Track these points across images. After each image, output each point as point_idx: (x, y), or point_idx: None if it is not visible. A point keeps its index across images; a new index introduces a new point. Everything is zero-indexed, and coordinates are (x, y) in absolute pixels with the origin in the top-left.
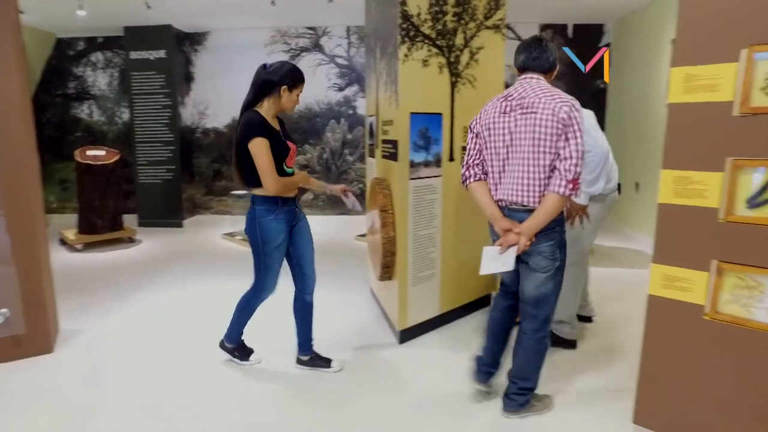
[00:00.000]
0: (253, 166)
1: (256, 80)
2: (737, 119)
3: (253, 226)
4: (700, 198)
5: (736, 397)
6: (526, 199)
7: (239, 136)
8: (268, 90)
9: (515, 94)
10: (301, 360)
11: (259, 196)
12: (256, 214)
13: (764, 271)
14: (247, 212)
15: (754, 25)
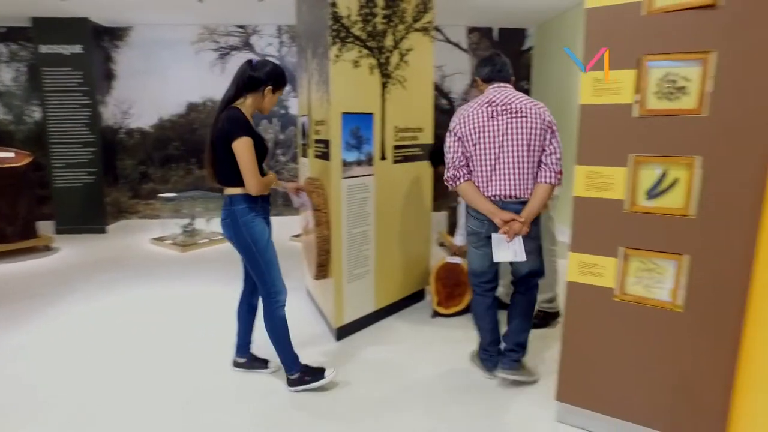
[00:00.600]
0: (231, 165)
1: (240, 76)
2: (637, 120)
3: (237, 228)
4: (608, 191)
5: (645, 369)
6: (520, 191)
7: (221, 133)
8: (253, 88)
9: (497, 101)
10: (238, 363)
11: (238, 195)
12: (237, 215)
13: (661, 255)
14: (223, 216)
15: (647, 37)
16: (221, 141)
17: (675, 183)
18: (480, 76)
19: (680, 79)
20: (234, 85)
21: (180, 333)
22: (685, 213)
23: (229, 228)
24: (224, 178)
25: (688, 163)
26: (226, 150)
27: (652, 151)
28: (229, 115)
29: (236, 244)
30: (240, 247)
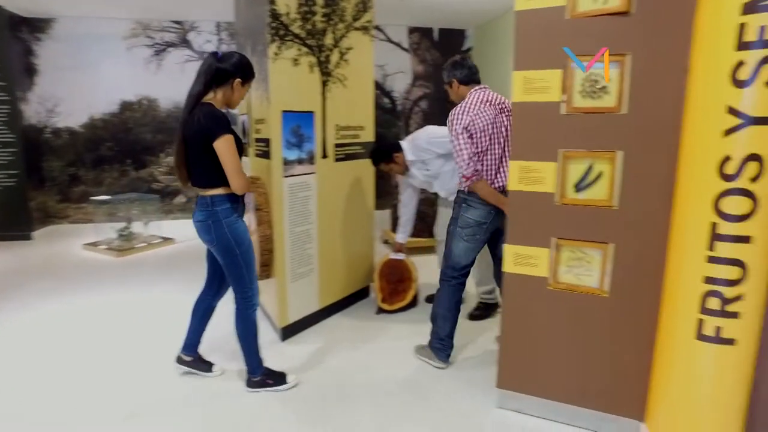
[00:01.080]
0: (210, 165)
1: (207, 69)
2: (564, 117)
3: (221, 230)
4: (539, 184)
5: (577, 352)
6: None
7: (199, 132)
8: (221, 81)
9: (494, 100)
10: (183, 359)
11: (219, 196)
12: (220, 216)
13: (589, 245)
14: (202, 218)
15: (572, 39)
16: (199, 140)
17: (599, 176)
18: (457, 78)
19: (601, 79)
20: (201, 80)
21: (121, 341)
22: (609, 204)
23: (209, 231)
24: (202, 180)
25: (611, 157)
26: (204, 150)
27: (579, 146)
28: (207, 112)
29: (218, 246)
30: (221, 249)
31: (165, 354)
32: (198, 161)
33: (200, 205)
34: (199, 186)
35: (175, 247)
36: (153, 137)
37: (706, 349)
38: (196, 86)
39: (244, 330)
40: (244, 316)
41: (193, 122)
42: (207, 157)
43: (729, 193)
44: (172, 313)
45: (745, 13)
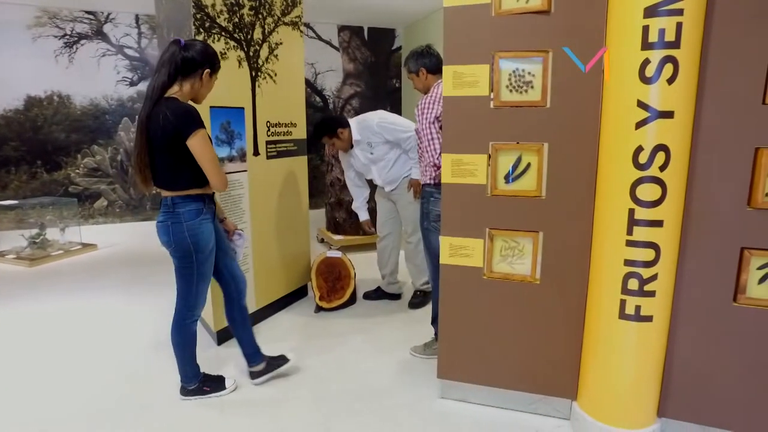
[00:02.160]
0: (175, 165)
1: (170, 58)
2: (493, 110)
3: (180, 233)
4: (471, 177)
5: (512, 338)
6: None
7: (166, 130)
8: (188, 71)
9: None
10: (257, 372)
11: (183, 198)
12: (182, 218)
13: (520, 234)
14: (162, 219)
15: (498, 36)
16: (167, 138)
17: (528, 168)
18: (426, 67)
19: (527, 75)
20: (165, 70)
21: (36, 354)
22: (537, 194)
23: (167, 232)
24: (167, 181)
25: (538, 149)
26: (170, 149)
27: (508, 138)
28: (175, 108)
29: (174, 249)
30: (177, 252)
31: (80, 364)
32: (162, 161)
33: (162, 206)
34: (162, 187)
35: (98, 254)
36: (67, 137)
37: (628, 327)
38: (159, 77)
39: (181, 340)
40: (182, 326)
41: (158, 119)
42: (172, 157)
43: (643, 180)
44: (96, 323)
45: (647, 17)
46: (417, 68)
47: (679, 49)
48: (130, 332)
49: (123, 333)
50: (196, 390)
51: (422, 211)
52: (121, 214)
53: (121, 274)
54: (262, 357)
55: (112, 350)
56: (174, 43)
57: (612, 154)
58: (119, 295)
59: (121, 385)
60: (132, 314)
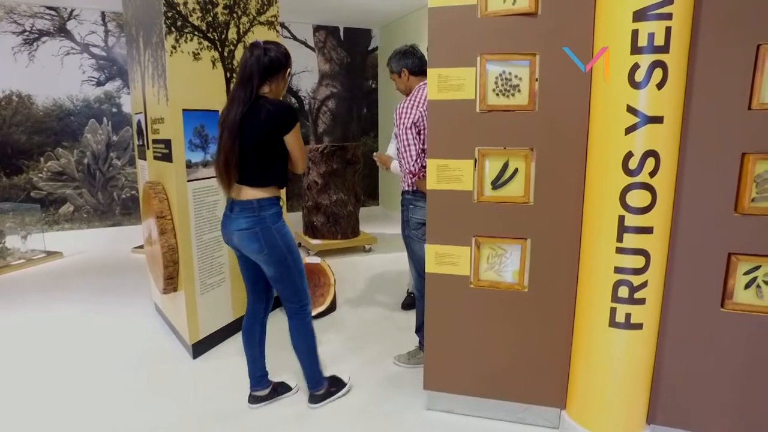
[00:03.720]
0: (267, 163)
1: (257, 62)
2: (480, 114)
3: (272, 238)
4: (457, 182)
5: (500, 347)
6: None
7: (269, 127)
8: (275, 72)
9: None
10: (260, 396)
11: (267, 199)
12: (269, 222)
13: (506, 240)
14: (246, 225)
15: (484, 38)
16: (266, 135)
17: (515, 173)
18: (408, 68)
19: (514, 78)
20: (256, 74)
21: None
22: (525, 200)
23: (257, 239)
24: (258, 180)
25: (525, 154)
26: (268, 145)
27: (495, 143)
28: (278, 104)
29: (269, 256)
30: (273, 258)
31: (46, 383)
32: (255, 159)
33: (242, 210)
34: (252, 185)
35: (64, 262)
36: (28, 139)
37: (618, 335)
38: (250, 81)
39: (305, 342)
40: (303, 328)
41: (259, 117)
42: (267, 154)
43: (632, 187)
44: (63, 337)
45: (636, 21)
46: (399, 69)
47: (668, 53)
48: (101, 346)
49: (93, 347)
50: (325, 394)
51: (402, 219)
52: (88, 220)
53: (90, 283)
54: (269, 380)
55: (83, 367)
56: (256, 47)
57: (601, 160)
58: (88, 306)
59: (93, 406)
60: (103, 327)
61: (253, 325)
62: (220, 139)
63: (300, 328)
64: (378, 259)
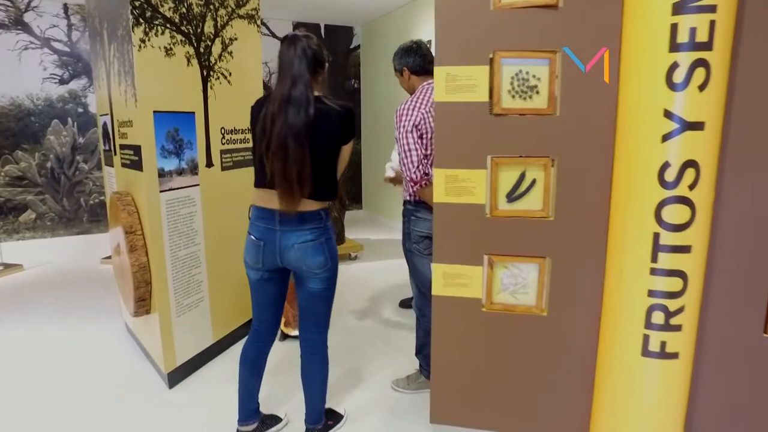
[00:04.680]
0: (333, 171)
1: (305, 54)
2: (493, 119)
3: (334, 249)
4: (468, 195)
5: (515, 376)
6: None
7: (339, 132)
8: (321, 68)
9: None
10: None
11: (325, 209)
12: (331, 232)
13: (524, 259)
14: (312, 236)
15: (498, 33)
16: (334, 143)
17: (533, 185)
18: (408, 66)
19: (532, 78)
20: (306, 71)
21: None
22: (544, 215)
23: (322, 251)
24: (324, 191)
25: (544, 163)
26: (334, 153)
27: (511, 152)
28: (347, 109)
29: (330, 269)
30: (330, 272)
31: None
32: (322, 169)
33: (304, 222)
34: (322, 199)
35: (25, 275)
36: None
37: (651, 365)
38: (302, 79)
39: (321, 376)
40: (324, 360)
41: (329, 124)
42: (331, 162)
43: (669, 201)
44: (23, 360)
45: (675, 14)
46: (400, 67)
47: (711, 51)
48: (64, 375)
49: (56, 376)
50: (324, 428)
51: (404, 231)
52: (52, 228)
53: (54, 299)
54: (258, 414)
55: (43, 399)
56: (297, 39)
57: (633, 171)
58: (51, 325)
59: None
60: (67, 351)
61: (261, 354)
62: (266, 147)
63: (322, 360)
64: (365, 268)
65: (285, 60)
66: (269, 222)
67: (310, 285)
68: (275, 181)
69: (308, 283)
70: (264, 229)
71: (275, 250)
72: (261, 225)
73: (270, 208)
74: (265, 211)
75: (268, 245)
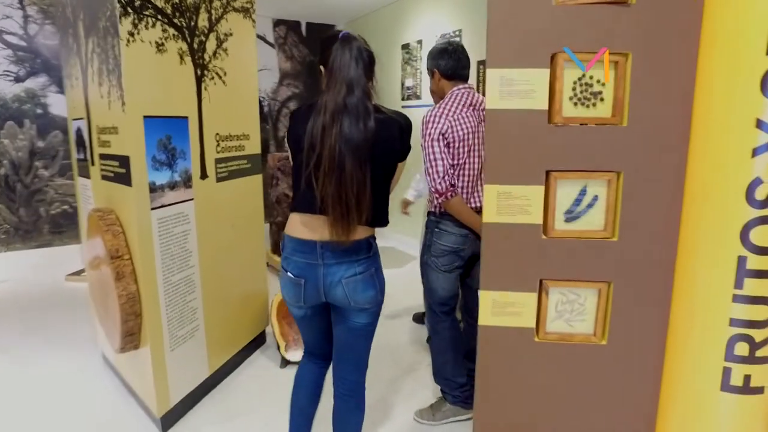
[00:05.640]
0: (387, 191)
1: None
2: (552, 129)
3: (383, 281)
4: (524, 214)
5: (570, 411)
6: None
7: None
8: (373, 74)
9: (477, 105)
10: None
11: (371, 239)
12: (374, 266)
13: (582, 284)
14: (363, 268)
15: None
16: (395, 159)
17: (594, 201)
18: (440, 69)
19: (596, 83)
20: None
21: None
22: (606, 235)
23: (373, 284)
24: (379, 217)
25: (608, 178)
26: (392, 172)
27: (571, 165)
28: (405, 117)
29: (374, 305)
30: (377, 308)
31: None
32: (379, 190)
33: (352, 253)
34: (377, 225)
35: None
36: None
37: (732, 401)
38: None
39: (359, 421)
40: (361, 401)
41: (391, 135)
42: (387, 182)
43: (758, 222)
44: None
45: None
46: (431, 68)
47: None
48: (31, 419)
49: (20, 420)
50: None
51: (423, 243)
52: (8, 242)
53: (13, 323)
54: None
55: None
56: (352, 39)
57: (713, 188)
58: (12, 356)
59: None
60: (34, 388)
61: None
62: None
63: (358, 403)
64: None
65: (337, 63)
66: (310, 256)
67: (353, 320)
68: (327, 207)
69: (351, 317)
70: (303, 265)
71: (319, 287)
72: (299, 260)
73: (310, 239)
74: (303, 243)
75: (310, 282)
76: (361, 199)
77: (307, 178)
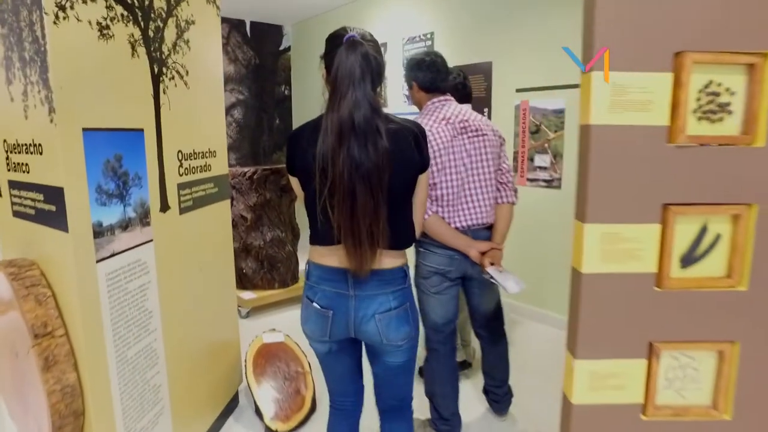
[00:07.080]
0: (409, 213)
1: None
2: (671, 151)
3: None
4: (634, 261)
5: None
6: (488, 217)
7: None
8: (382, 80)
9: (453, 118)
10: None
11: (404, 268)
12: (409, 300)
13: (697, 345)
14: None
15: (685, 27)
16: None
17: (716, 242)
18: (418, 81)
19: (724, 92)
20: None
21: None
22: (731, 285)
23: (407, 319)
24: (402, 238)
25: (735, 213)
26: (413, 186)
27: (693, 197)
28: (419, 126)
29: (409, 341)
30: (412, 343)
31: None
32: (399, 210)
33: (384, 284)
34: (398, 247)
35: None
36: None
37: None
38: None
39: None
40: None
41: (406, 147)
42: (409, 198)
43: None
44: None
45: None
46: (409, 80)
47: None
48: None
49: None
50: None
51: (415, 264)
52: None
53: None
54: None
55: None
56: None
57: None
58: None
59: None
60: None
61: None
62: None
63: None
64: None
65: (341, 72)
66: (339, 285)
67: (389, 359)
68: (342, 237)
69: (385, 357)
70: (333, 295)
71: (348, 321)
72: (328, 289)
73: (340, 267)
74: (332, 271)
75: (339, 315)
76: (374, 230)
77: (324, 209)
